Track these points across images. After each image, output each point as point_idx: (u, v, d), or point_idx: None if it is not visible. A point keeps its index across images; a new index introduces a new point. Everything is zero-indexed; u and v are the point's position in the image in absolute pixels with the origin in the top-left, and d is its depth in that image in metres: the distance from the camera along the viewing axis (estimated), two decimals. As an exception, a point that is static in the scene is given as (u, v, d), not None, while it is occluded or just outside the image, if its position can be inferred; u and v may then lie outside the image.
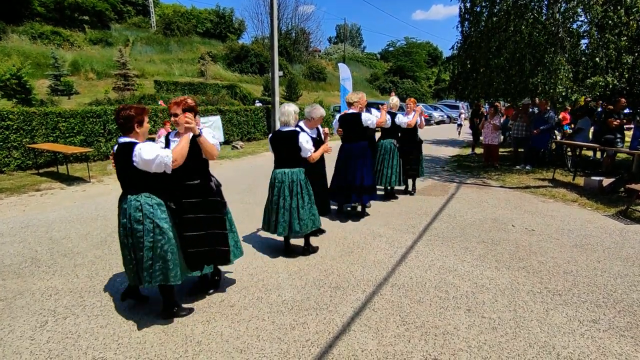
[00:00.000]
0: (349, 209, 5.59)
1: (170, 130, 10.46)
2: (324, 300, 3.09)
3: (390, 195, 6.29)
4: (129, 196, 2.55)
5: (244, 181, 7.60)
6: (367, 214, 5.39)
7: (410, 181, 6.68)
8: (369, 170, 4.96)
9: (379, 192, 6.34)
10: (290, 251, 4.00)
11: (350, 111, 4.87)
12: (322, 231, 4.58)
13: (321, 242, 4.36)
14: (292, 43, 41.40)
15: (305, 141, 3.62)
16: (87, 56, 28.81)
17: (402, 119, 5.83)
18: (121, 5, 38.96)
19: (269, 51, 15.65)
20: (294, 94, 30.17)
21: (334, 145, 4.25)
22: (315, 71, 39.61)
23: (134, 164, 2.45)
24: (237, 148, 12.48)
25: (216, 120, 12.31)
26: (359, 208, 5.50)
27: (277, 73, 14.12)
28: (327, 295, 3.17)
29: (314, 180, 3.99)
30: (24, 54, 24.47)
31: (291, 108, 3.68)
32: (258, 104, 22.72)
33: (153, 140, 3.20)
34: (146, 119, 2.70)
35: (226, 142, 12.89)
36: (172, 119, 2.81)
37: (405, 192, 6.66)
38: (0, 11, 27.81)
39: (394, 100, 5.92)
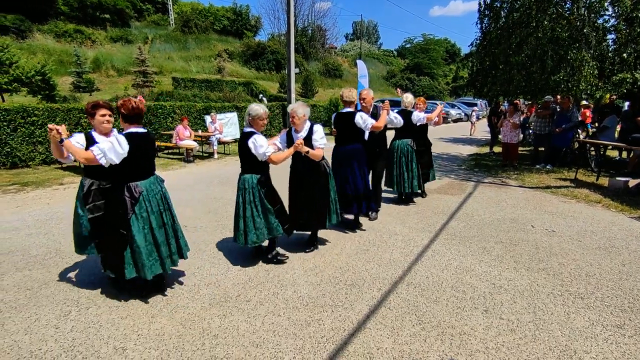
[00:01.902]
0: (347, 216, 4.87)
1: (187, 127, 10.46)
2: (340, 297, 3.09)
3: (407, 200, 5.88)
4: None
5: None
6: (361, 227, 4.74)
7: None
8: (365, 175, 4.48)
9: (392, 196, 6.14)
10: (259, 254, 3.84)
11: (346, 110, 4.44)
12: (313, 244, 4.10)
13: (337, 239, 4.37)
14: (308, 40, 41.38)
15: (253, 145, 3.32)
16: (108, 54, 29.52)
17: (420, 116, 5.48)
18: (141, 4, 39.74)
19: (285, 48, 15.69)
20: (309, 91, 30.19)
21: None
22: (331, 68, 39.51)
23: None
24: (252, 145, 12.57)
25: (232, 116, 12.43)
26: (374, 216, 5.11)
27: (293, 70, 14.15)
28: (343, 292, 3.17)
29: (311, 186, 3.77)
30: (48, 52, 25.22)
31: (249, 108, 3.44)
32: (262, 98, 22.76)
33: (170, 136, 3.35)
34: (99, 113, 3.03)
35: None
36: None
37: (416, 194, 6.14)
38: (26, 10, 28.72)
39: (409, 98, 5.52)
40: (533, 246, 4.20)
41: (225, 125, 11.47)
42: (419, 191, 5.87)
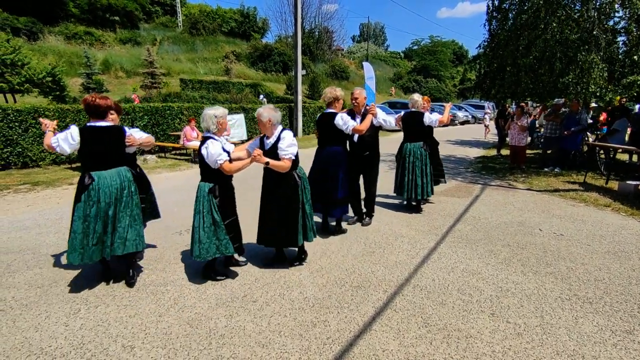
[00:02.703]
0: (333, 223, 4.63)
1: (194, 128, 10.56)
2: (345, 299, 3.10)
3: (416, 207, 5.55)
4: None
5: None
6: (344, 231, 4.58)
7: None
8: (345, 179, 4.23)
9: (397, 201, 5.91)
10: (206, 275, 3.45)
11: (328, 111, 4.21)
12: (300, 259, 3.76)
13: (343, 241, 4.37)
14: (315, 42, 41.48)
15: (206, 152, 3.09)
16: (117, 55, 29.88)
17: (432, 117, 5.15)
18: (150, 6, 40.17)
19: (293, 50, 15.75)
20: (316, 92, 30.22)
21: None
22: (338, 70, 39.56)
23: None
24: (259, 146, 12.63)
25: (239, 118, 12.49)
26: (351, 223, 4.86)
27: (300, 72, 14.20)
28: (349, 294, 3.17)
29: (280, 199, 3.44)
30: (58, 54, 25.61)
31: (210, 112, 3.14)
32: (262, 99, 22.81)
33: (178, 137, 3.42)
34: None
35: (249, 140, 13.06)
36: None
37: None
38: (38, 13, 29.19)
39: (416, 98, 5.24)
40: (541, 250, 4.17)
41: (232, 127, 11.53)
42: (431, 196, 5.57)
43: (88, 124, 3.15)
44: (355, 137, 4.50)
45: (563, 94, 8.80)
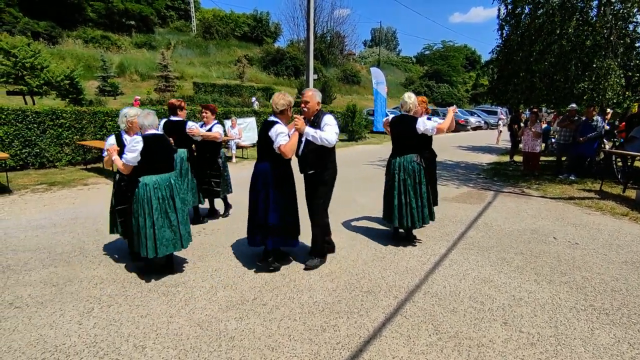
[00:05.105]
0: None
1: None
2: (355, 304, 3.08)
3: (407, 238, 4.45)
4: None
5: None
6: (291, 261, 3.86)
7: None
8: (275, 201, 3.41)
9: (385, 229, 4.88)
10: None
11: (271, 119, 3.45)
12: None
13: (353, 246, 4.36)
14: (327, 46, 41.67)
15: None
16: (133, 59, 30.49)
17: (427, 125, 4.01)
18: (165, 11, 40.93)
19: (304, 54, 15.84)
20: (327, 97, 30.33)
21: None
22: (350, 74, 39.67)
23: None
24: (270, 149, 12.70)
25: (251, 121, 12.59)
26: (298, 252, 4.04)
27: (312, 76, 14.26)
28: (359, 299, 3.16)
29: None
30: (76, 57, 26.25)
31: (124, 111, 3.70)
32: (254, 102, 22.96)
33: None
34: (204, 111, 5.05)
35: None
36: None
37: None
38: (57, 17, 30.01)
39: (411, 99, 4.16)
40: (555, 258, 4.09)
41: (244, 130, 11.64)
42: (430, 222, 4.43)
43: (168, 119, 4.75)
44: (300, 149, 3.61)
45: (579, 101, 8.65)
